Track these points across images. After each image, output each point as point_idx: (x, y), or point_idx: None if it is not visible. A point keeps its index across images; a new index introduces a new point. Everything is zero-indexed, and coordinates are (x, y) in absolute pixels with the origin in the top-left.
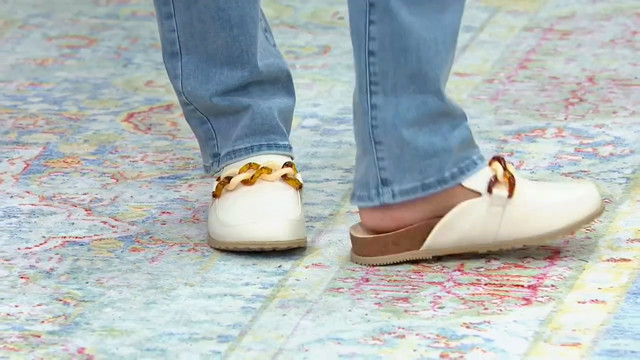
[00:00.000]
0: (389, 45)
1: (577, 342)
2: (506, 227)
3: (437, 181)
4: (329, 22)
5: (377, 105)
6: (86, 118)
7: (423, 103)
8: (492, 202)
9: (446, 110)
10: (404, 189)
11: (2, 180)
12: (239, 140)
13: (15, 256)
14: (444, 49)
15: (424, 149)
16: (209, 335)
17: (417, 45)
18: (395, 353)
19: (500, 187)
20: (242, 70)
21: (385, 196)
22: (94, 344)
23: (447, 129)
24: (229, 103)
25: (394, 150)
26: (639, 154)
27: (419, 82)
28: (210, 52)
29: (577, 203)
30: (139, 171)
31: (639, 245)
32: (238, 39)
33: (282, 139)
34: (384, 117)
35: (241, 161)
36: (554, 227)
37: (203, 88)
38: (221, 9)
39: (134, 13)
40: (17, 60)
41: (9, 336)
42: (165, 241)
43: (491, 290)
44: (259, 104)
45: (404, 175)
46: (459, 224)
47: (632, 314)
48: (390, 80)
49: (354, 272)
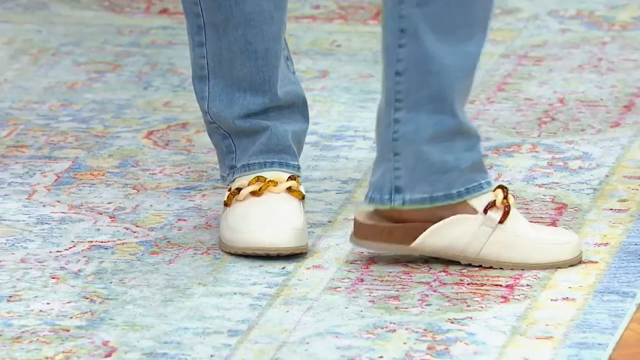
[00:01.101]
0: (414, 67)
1: (550, 336)
2: (490, 247)
3: (445, 196)
4: (327, 50)
5: (400, 120)
6: (111, 135)
7: (440, 122)
8: (484, 222)
9: (461, 130)
10: (414, 198)
11: (35, 191)
12: (254, 155)
13: (47, 259)
14: (464, 75)
15: (437, 165)
16: (220, 329)
17: (438, 70)
18: (387, 346)
19: (496, 211)
20: (263, 97)
21: (396, 202)
22: (117, 337)
23: (461, 148)
24: (249, 125)
25: (410, 162)
26: (604, 168)
27: (437, 102)
28: (235, 79)
29: (560, 247)
30: (158, 182)
31: (605, 249)
32: (262, 69)
33: (292, 159)
34: (405, 132)
35: (251, 174)
36: (532, 260)
37: (227, 111)
38: (249, 43)
39: (153, 42)
40: (50, 83)
41: (42, 330)
42: (181, 245)
43: (473, 289)
44: (276, 126)
45: (415, 186)
46: (450, 231)
47: (599, 311)
48: (412, 99)
49: (350, 273)
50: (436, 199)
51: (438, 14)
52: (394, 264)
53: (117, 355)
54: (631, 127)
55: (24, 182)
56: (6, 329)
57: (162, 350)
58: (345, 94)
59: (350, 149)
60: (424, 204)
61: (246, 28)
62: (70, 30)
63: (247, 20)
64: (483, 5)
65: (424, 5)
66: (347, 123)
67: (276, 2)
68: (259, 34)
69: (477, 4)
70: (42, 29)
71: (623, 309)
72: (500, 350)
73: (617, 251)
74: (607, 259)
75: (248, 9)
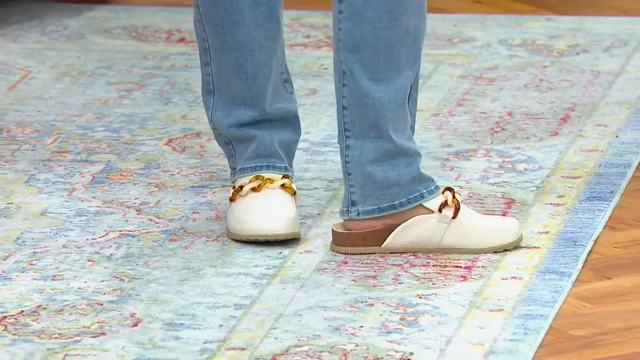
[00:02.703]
0: (354, 103)
1: (501, 309)
2: (448, 239)
3: (389, 206)
4: (316, 72)
5: (350, 146)
6: (137, 142)
7: (380, 146)
8: (440, 219)
9: (399, 151)
10: (366, 209)
11: (75, 189)
12: (248, 160)
13: (84, 245)
14: (397, 105)
15: (381, 182)
16: (227, 304)
17: (373, 104)
18: (366, 317)
19: (449, 209)
20: (253, 111)
21: (352, 213)
22: (142, 310)
23: (402, 166)
24: (241, 133)
25: (360, 181)
26: (545, 169)
27: (375, 131)
28: (231, 94)
29: (503, 232)
30: (176, 182)
31: (546, 237)
32: (251, 88)
33: (280, 162)
34: (353, 155)
35: (249, 175)
36: (482, 245)
37: (225, 120)
38: (240, 65)
39: (172, 65)
40: (87, 100)
41: (80, 304)
42: (195, 234)
43: (437, 270)
44: (263, 135)
45: (366, 200)
46: (413, 231)
47: (541, 287)
48: (357, 129)
49: (335, 257)
50: (383, 210)
51: (368, 58)
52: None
53: (142, 325)
54: (567, 136)
55: (65, 181)
56: (51, 303)
57: (180, 321)
58: (331, 108)
59: (336, 154)
60: (374, 214)
61: (238, 53)
62: (104, 56)
63: (239, 46)
64: (408, 49)
65: (355, 51)
66: (333, 132)
67: (267, 32)
68: (248, 58)
69: (402, 48)
70: (80, 55)
71: (561, 287)
72: (460, 320)
73: (556, 238)
74: (548, 244)
75: (239, 37)
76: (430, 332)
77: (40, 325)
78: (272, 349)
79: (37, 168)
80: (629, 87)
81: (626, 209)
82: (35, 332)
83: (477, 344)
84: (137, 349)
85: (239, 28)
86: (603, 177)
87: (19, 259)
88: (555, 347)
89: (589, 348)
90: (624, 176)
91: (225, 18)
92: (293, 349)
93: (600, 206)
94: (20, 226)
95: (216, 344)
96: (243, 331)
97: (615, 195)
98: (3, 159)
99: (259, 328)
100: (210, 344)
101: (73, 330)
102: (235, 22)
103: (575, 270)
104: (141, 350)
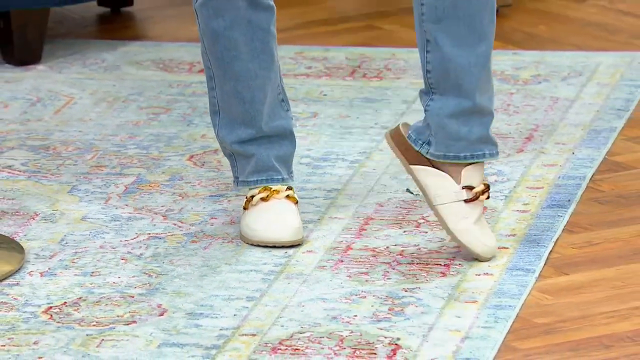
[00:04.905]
0: (438, 66)
1: (475, 300)
2: (445, 209)
3: (455, 156)
4: (317, 97)
5: (433, 99)
6: (163, 158)
7: (459, 103)
8: (456, 192)
9: (476, 110)
10: (435, 153)
11: (110, 198)
12: (249, 174)
13: (118, 245)
14: (477, 70)
15: (452, 134)
16: (240, 296)
17: (455, 67)
18: (360, 308)
19: (468, 193)
20: (251, 130)
21: (423, 150)
22: (167, 301)
23: (475, 124)
24: (242, 149)
25: (434, 128)
26: (513, 181)
27: (457, 90)
28: (233, 115)
29: (479, 243)
30: (197, 192)
31: (514, 239)
32: (249, 111)
33: (277, 174)
34: (434, 107)
35: (255, 188)
36: (461, 238)
37: (228, 137)
38: (239, 92)
39: (194, 92)
40: (121, 121)
41: (114, 297)
42: (213, 236)
43: (421, 267)
44: (260, 152)
45: (438, 145)
46: (434, 179)
47: (509, 282)
48: (441, 87)
49: (333, 256)
50: (448, 157)
51: (451, 28)
52: (364, 250)
53: (167, 315)
54: (531, 153)
55: (102, 191)
56: (89, 296)
57: (200, 311)
58: (330, 129)
59: (333, 168)
60: (439, 159)
61: (237, 82)
62: (136, 84)
63: (237, 76)
64: (488, 17)
65: (438, 22)
66: (331, 149)
67: (261, 64)
68: (245, 86)
69: (482, 17)
70: (116, 84)
71: (526, 281)
72: (440, 310)
73: (522, 240)
74: (515, 245)
75: (237, 69)
76: (415, 321)
77: (80, 314)
78: (278, 335)
79: (78, 180)
80: (584, 111)
81: (581, 215)
82: (76, 320)
83: (454, 330)
84: (163, 335)
85: (236, 61)
86: (562, 187)
87: (63, 258)
88: (522, 333)
89: (550, 334)
90: (580, 187)
91: (225, 53)
92: (297, 335)
93: (559, 212)
94: (64, 230)
95: (231, 330)
96: (254, 320)
97: (572, 204)
98: (49, 172)
99: (268, 317)
100: (226, 331)
101: (108, 319)
102: (233, 56)
103: (539, 267)
104: (166, 336)
